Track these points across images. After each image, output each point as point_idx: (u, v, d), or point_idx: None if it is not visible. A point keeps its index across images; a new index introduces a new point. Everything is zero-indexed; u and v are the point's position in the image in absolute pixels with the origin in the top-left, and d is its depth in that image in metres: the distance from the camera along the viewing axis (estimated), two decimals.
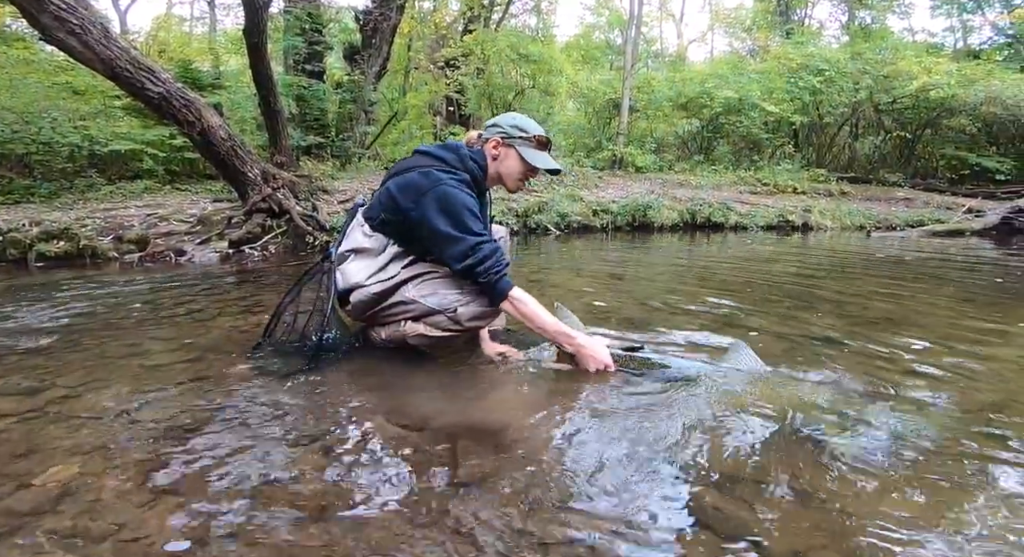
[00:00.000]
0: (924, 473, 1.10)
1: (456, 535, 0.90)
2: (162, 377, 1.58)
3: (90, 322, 2.21)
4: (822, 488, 1.04)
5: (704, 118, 10.95)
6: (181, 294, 2.89)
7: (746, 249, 6.04)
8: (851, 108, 11.02)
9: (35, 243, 3.93)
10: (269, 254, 4.67)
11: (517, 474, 1.09)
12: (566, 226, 7.10)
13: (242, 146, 4.69)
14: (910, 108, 10.77)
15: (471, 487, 1.04)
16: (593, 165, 9.89)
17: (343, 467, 1.12)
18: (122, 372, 1.62)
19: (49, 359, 1.73)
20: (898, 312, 2.68)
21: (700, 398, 1.42)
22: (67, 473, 1.04)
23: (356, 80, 7.88)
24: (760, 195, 9.51)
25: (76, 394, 1.43)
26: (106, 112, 5.89)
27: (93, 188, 5.39)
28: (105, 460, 1.10)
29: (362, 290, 1.69)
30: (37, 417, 1.30)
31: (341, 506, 0.98)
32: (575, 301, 2.81)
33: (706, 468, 1.11)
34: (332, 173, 7.32)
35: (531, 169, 1.76)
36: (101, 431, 1.23)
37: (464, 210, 1.59)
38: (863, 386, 1.58)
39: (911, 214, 9.27)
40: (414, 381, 1.61)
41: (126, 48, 3.90)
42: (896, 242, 7.37)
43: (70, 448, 1.15)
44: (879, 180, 10.68)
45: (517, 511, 0.97)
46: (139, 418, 1.30)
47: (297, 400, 1.43)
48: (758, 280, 3.73)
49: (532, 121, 1.81)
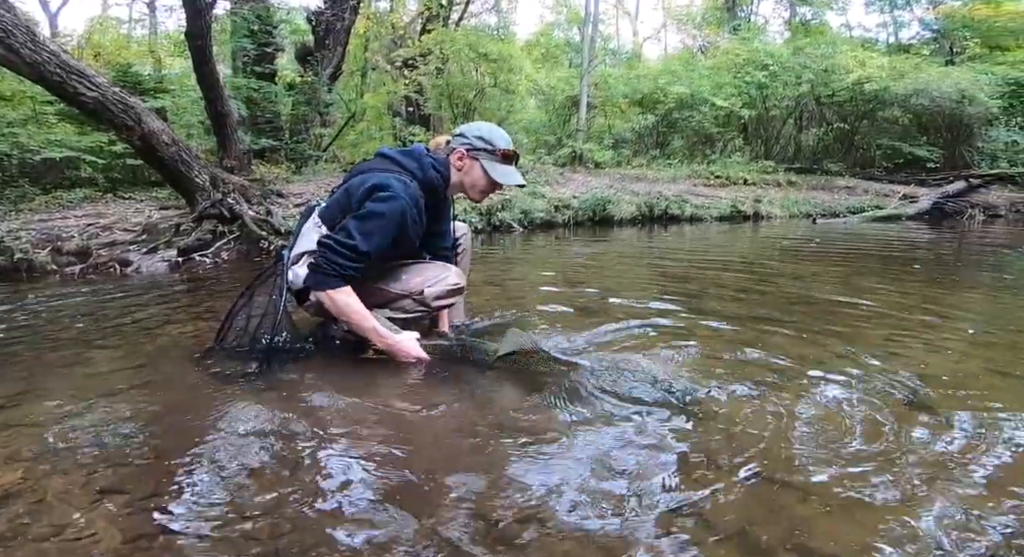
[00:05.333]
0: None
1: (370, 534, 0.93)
2: (105, 384, 1.55)
3: (27, 335, 2.11)
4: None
5: (659, 113, 11.22)
6: (127, 305, 2.78)
7: (700, 239, 6.28)
8: (795, 101, 11.53)
9: None
10: (222, 261, 4.53)
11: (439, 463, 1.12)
12: (529, 222, 7.17)
13: (188, 151, 4.53)
14: (848, 101, 11.35)
15: (419, 479, 1.08)
16: (554, 162, 10.00)
17: (289, 465, 1.13)
18: (63, 381, 1.57)
19: None
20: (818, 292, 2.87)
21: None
22: (9, 478, 1.02)
23: (309, 82, 7.70)
24: (713, 187, 9.85)
25: (14, 404, 1.39)
26: (37, 118, 5.55)
27: (26, 198, 5.08)
28: (48, 465, 1.09)
29: None
30: None
31: (287, 501, 0.99)
32: (534, 293, 2.87)
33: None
34: (287, 176, 7.14)
35: (495, 184, 1.76)
36: (41, 438, 1.20)
37: (382, 226, 1.59)
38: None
39: (852, 201, 9.83)
40: (363, 379, 1.63)
41: (55, 52, 3.70)
42: (839, 227, 7.86)
43: (9, 455, 1.12)
44: (823, 170, 11.24)
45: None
46: (81, 424, 1.28)
47: (246, 401, 1.43)
48: (708, 267, 3.90)
49: (499, 131, 1.79)
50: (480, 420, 1.34)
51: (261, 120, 7.27)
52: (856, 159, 12.20)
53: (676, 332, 2.09)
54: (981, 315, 2.52)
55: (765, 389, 1.50)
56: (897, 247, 5.52)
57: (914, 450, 1.17)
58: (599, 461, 1.12)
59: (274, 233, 4.99)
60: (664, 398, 1.42)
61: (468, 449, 1.20)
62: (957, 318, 2.40)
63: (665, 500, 0.99)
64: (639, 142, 11.92)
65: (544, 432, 1.25)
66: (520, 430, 1.27)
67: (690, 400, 1.40)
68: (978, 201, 9.77)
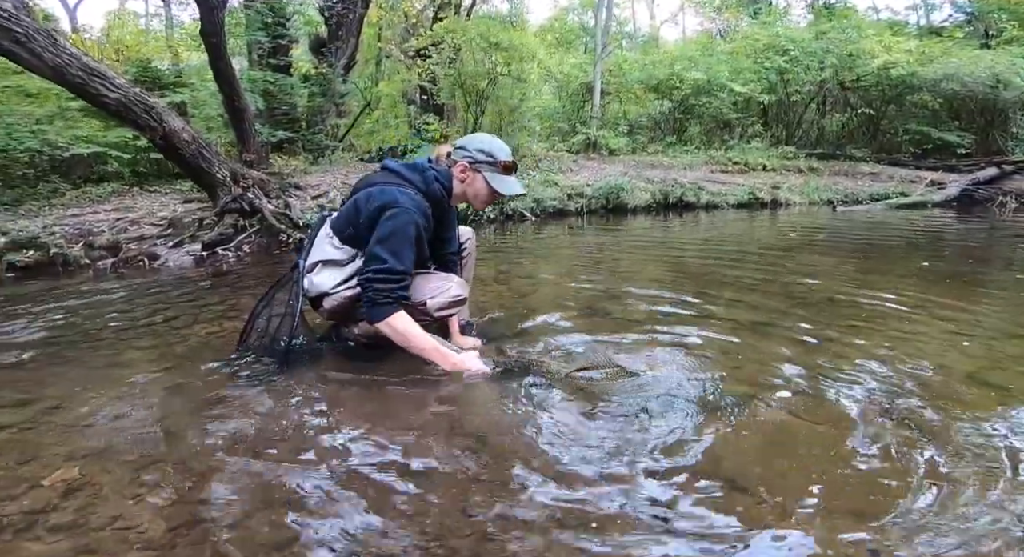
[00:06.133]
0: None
1: (410, 518, 1.07)
2: (144, 386, 1.69)
3: (69, 334, 2.28)
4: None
5: (675, 100, 11.07)
6: (157, 301, 2.95)
7: (714, 229, 6.26)
8: (817, 86, 11.25)
9: (4, 253, 3.90)
10: (243, 254, 4.70)
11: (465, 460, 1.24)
12: (541, 211, 7.20)
13: (208, 148, 4.67)
14: (874, 85, 11.04)
15: (424, 473, 1.20)
16: (568, 149, 9.98)
17: (312, 462, 1.25)
18: (106, 384, 1.72)
19: (33, 372, 1.82)
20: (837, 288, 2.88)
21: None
22: (71, 475, 1.17)
23: (324, 73, 7.78)
24: (731, 174, 9.73)
25: (64, 406, 1.54)
26: (63, 114, 5.74)
27: (57, 193, 5.30)
28: (100, 463, 1.23)
29: (332, 297, 1.82)
30: (31, 427, 1.41)
31: (307, 495, 1.13)
32: (545, 289, 2.95)
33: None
34: (304, 167, 7.29)
35: (497, 193, 1.86)
36: (94, 437, 1.35)
37: (404, 242, 1.69)
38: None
39: (876, 188, 9.61)
40: (378, 379, 1.75)
41: (77, 54, 3.83)
42: (861, 215, 7.71)
43: (66, 454, 1.27)
44: (846, 156, 11.00)
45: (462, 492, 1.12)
46: (126, 425, 1.42)
47: (270, 402, 1.56)
48: (721, 261, 3.93)
49: (499, 143, 1.89)
50: (491, 415, 1.44)
51: (278, 112, 7.40)
52: (882, 144, 11.90)
53: (690, 341, 2.11)
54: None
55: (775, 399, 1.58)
56: (922, 238, 5.43)
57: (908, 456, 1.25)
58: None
59: (293, 227, 5.14)
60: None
61: (484, 430, 1.31)
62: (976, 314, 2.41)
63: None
64: (655, 128, 11.79)
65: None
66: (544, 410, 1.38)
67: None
68: (1011, 189, 9.37)
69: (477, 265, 2.37)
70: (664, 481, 1.16)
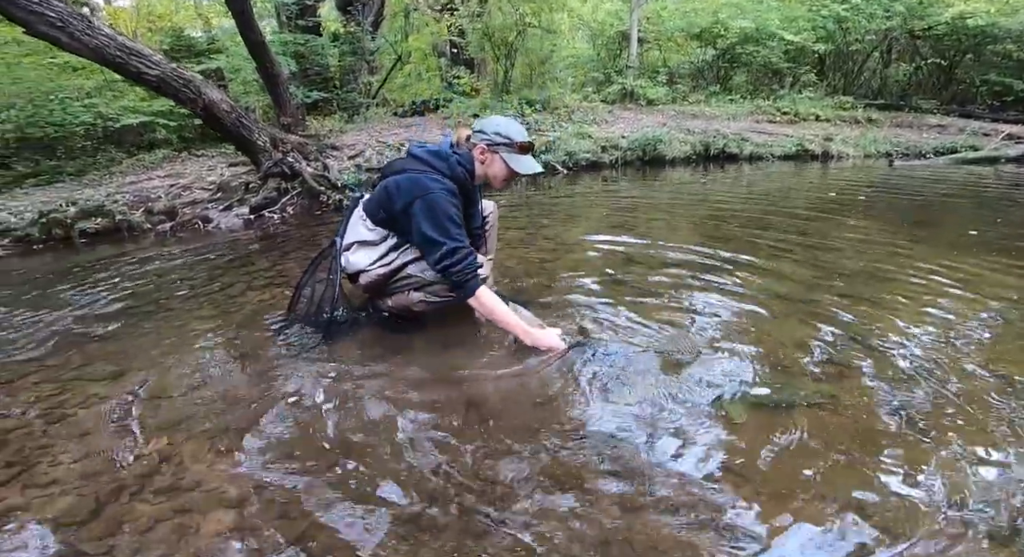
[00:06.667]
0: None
1: (432, 475, 1.25)
2: (210, 357, 1.94)
3: (143, 304, 2.56)
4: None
5: (720, 48, 10.34)
6: (213, 267, 3.21)
7: (757, 184, 6.03)
8: (882, 35, 10.27)
9: (75, 221, 4.26)
10: (288, 216, 4.94)
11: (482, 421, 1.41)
12: (574, 164, 7.09)
13: (247, 116, 4.82)
14: (948, 35, 10.00)
15: (445, 434, 1.38)
16: (603, 99, 9.62)
17: (358, 423, 1.45)
18: (177, 354, 1.97)
19: (120, 345, 2.09)
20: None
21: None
22: (160, 444, 1.41)
23: (352, 31, 7.69)
24: (779, 124, 9.19)
25: (151, 378, 1.79)
26: (109, 86, 5.99)
27: (115, 162, 5.64)
28: (182, 432, 1.47)
29: (368, 273, 1.99)
30: (128, 398, 1.67)
31: (363, 453, 1.33)
32: (571, 254, 3.00)
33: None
34: (340, 126, 7.39)
35: (515, 173, 1.95)
36: (174, 409, 1.59)
37: (446, 219, 1.83)
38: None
39: (943, 141, 8.86)
40: (413, 346, 1.95)
41: (112, 35, 3.98)
42: (920, 170, 7.17)
43: (156, 425, 1.51)
44: (911, 107, 10.17)
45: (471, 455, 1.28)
46: (198, 397, 1.66)
47: (316, 367, 1.79)
48: (760, 221, 3.84)
49: (516, 125, 1.97)
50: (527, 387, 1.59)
51: (311, 73, 7.44)
52: (954, 95, 10.88)
53: (719, 317, 2.14)
54: None
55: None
56: (990, 196, 5.06)
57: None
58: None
59: (332, 188, 5.33)
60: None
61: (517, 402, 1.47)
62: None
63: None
64: (697, 77, 11.12)
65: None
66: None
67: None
68: None
69: (505, 226, 2.46)
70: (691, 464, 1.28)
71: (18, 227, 4.12)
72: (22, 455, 1.38)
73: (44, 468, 1.32)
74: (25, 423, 1.53)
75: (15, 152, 5.36)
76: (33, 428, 1.50)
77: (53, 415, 1.57)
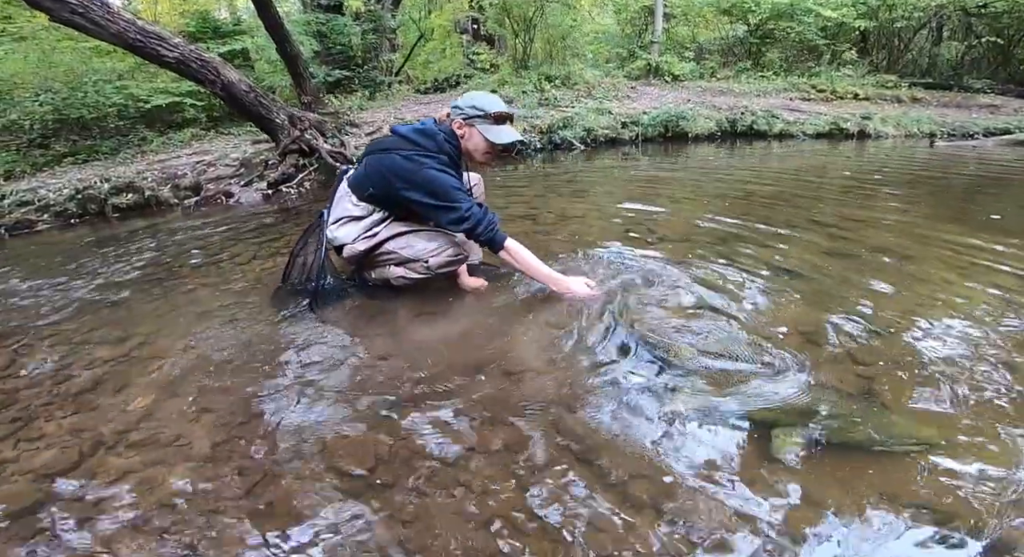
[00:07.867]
0: None
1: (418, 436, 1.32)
2: (208, 321, 2.06)
3: (158, 272, 2.73)
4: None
5: (751, 24, 9.86)
6: (228, 239, 3.37)
7: (784, 161, 5.82)
8: (932, 12, 9.56)
9: (109, 197, 4.53)
10: (305, 191, 5.11)
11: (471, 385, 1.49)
12: (592, 140, 6.99)
13: (265, 95, 4.96)
14: (1008, 12, 9.25)
15: (430, 398, 1.47)
16: (626, 75, 9.38)
17: (341, 387, 1.55)
18: (180, 319, 2.11)
19: (129, 311, 2.25)
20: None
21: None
22: (149, 401, 1.54)
23: (373, 9, 7.72)
24: (814, 102, 8.76)
25: (150, 341, 1.94)
26: (139, 68, 6.24)
27: (146, 141, 5.91)
28: (168, 390, 1.59)
29: (351, 247, 2.07)
30: (126, 360, 1.81)
31: (340, 415, 1.43)
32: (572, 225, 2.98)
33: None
34: (361, 104, 7.49)
35: (493, 145, 1.97)
36: (165, 370, 1.72)
37: (450, 187, 1.90)
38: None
39: (994, 121, 8.25)
40: (396, 313, 2.04)
41: (131, 19, 4.14)
42: (966, 151, 6.71)
43: (146, 383, 1.65)
44: (961, 86, 9.48)
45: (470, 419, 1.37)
46: (191, 358, 1.78)
47: (302, 332, 1.90)
48: (785, 201, 3.69)
49: (492, 97, 1.99)
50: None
51: (334, 52, 7.54)
52: (1011, 75, 10.09)
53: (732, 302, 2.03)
54: None
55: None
56: None
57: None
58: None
59: (347, 163, 5.47)
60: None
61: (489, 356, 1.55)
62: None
63: None
64: (727, 53, 10.67)
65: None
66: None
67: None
68: None
69: (509, 200, 2.48)
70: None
71: (57, 203, 4.42)
72: (27, 412, 1.53)
73: (40, 424, 1.46)
74: (36, 382, 1.69)
75: (54, 133, 5.68)
76: (42, 387, 1.66)
77: (59, 376, 1.72)
